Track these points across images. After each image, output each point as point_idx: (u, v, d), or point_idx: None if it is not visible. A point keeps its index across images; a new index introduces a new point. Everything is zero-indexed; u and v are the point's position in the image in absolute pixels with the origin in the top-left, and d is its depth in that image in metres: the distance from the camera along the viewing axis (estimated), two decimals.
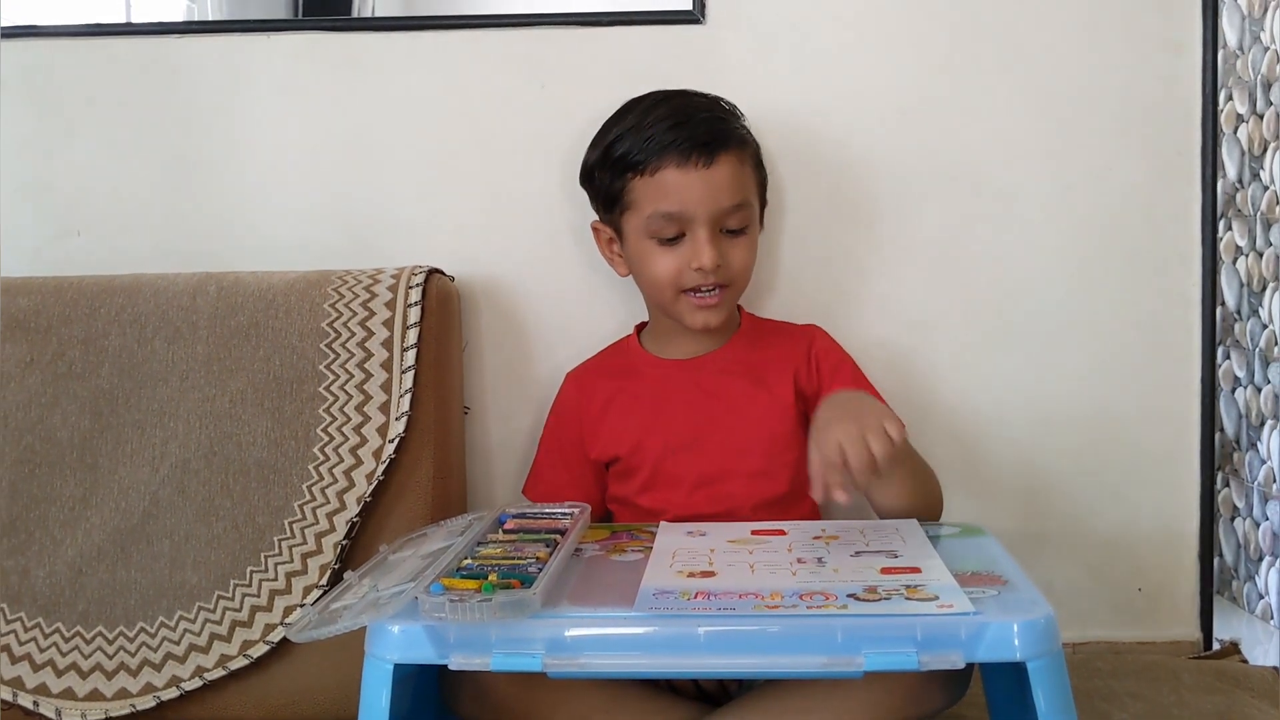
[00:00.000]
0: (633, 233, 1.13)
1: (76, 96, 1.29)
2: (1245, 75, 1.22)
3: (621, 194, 1.12)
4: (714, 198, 1.09)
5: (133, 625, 1.08)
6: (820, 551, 0.94)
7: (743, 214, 1.11)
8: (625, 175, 1.11)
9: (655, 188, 1.09)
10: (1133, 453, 1.28)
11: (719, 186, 1.09)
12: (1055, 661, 0.77)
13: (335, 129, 1.29)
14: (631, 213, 1.12)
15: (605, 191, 1.14)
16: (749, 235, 1.13)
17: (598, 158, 1.15)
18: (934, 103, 1.26)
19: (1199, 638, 1.28)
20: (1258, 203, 1.20)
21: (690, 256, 1.09)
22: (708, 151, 1.08)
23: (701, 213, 1.09)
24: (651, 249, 1.11)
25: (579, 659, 0.78)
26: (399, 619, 0.80)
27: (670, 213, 1.09)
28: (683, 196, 1.08)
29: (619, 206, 1.13)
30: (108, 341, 1.16)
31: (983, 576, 0.87)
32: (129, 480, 1.12)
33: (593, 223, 1.19)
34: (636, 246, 1.13)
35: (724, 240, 1.11)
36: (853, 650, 0.76)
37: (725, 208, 1.09)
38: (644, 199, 1.10)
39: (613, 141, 1.13)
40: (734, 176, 1.10)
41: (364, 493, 1.10)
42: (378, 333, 1.15)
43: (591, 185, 1.17)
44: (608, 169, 1.13)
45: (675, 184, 1.08)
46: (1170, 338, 1.27)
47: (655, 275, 1.12)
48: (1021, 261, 1.27)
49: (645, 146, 1.09)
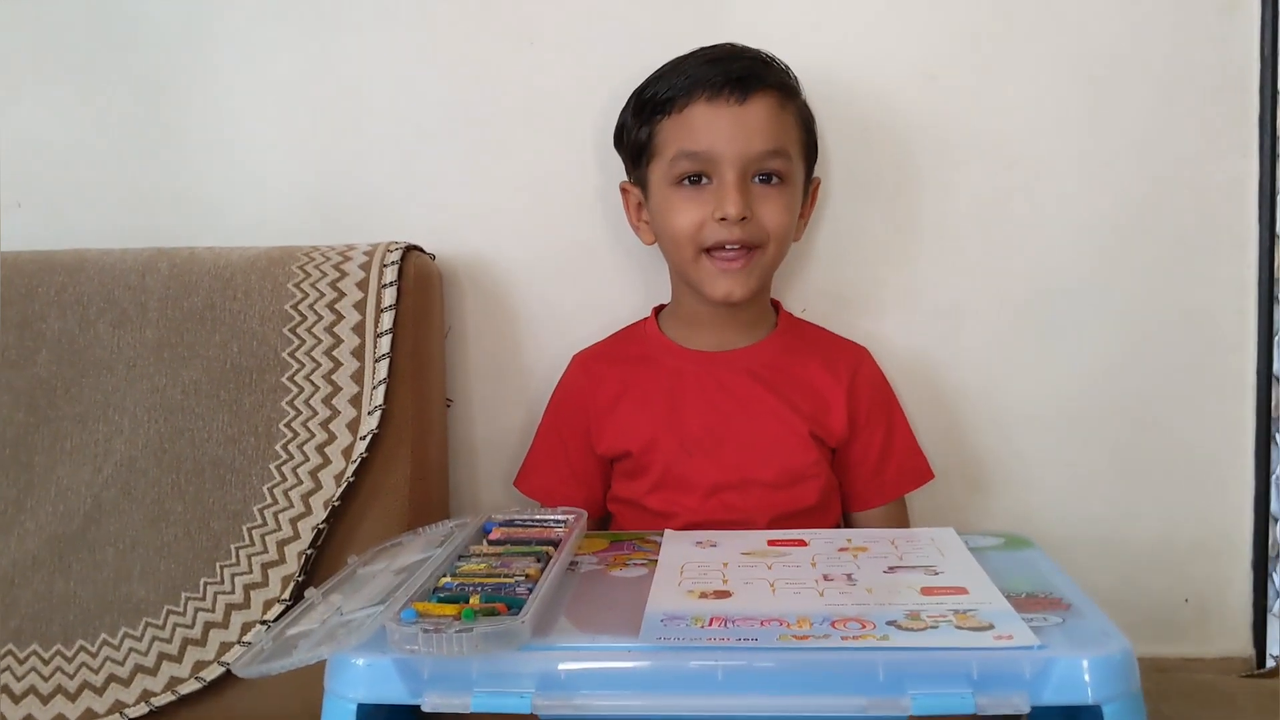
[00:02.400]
0: (657, 183, 1.05)
1: (18, 54, 1.21)
2: None
3: (649, 140, 1.05)
4: (745, 138, 1.00)
5: (72, 643, 0.99)
6: (848, 566, 0.84)
7: (778, 162, 1.02)
8: (654, 118, 1.04)
9: (683, 125, 1.01)
10: (1180, 451, 1.19)
11: (752, 127, 1.00)
12: (1134, 703, 0.66)
13: (303, 92, 1.20)
14: (657, 160, 1.04)
15: (633, 142, 1.06)
16: (785, 190, 1.03)
17: (631, 107, 1.07)
18: (963, 68, 1.17)
19: (1252, 654, 1.19)
20: None
21: (715, 204, 1.00)
22: (742, 87, 1.00)
23: (730, 153, 0.99)
24: (675, 196, 1.03)
25: (574, 699, 0.68)
26: (364, 650, 0.69)
27: (695, 151, 1.01)
28: (711, 133, 1.00)
29: (646, 154, 1.05)
30: (46, 325, 1.07)
31: (1040, 600, 0.76)
32: (68, 481, 1.03)
33: (621, 183, 1.11)
34: (660, 198, 1.04)
35: (755, 191, 1.01)
36: (897, 690, 0.65)
37: (758, 151, 1.00)
38: (670, 140, 1.02)
39: (644, 87, 1.06)
40: (771, 119, 1.01)
41: (332, 496, 1.01)
42: (348, 316, 1.06)
43: (622, 142, 1.10)
44: (637, 116, 1.06)
45: (704, 120, 1.00)
46: (1222, 326, 1.18)
47: (675, 228, 1.03)
48: (1058, 242, 1.18)
49: (676, 84, 1.01)
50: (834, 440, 1.08)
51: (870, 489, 1.10)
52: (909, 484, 1.12)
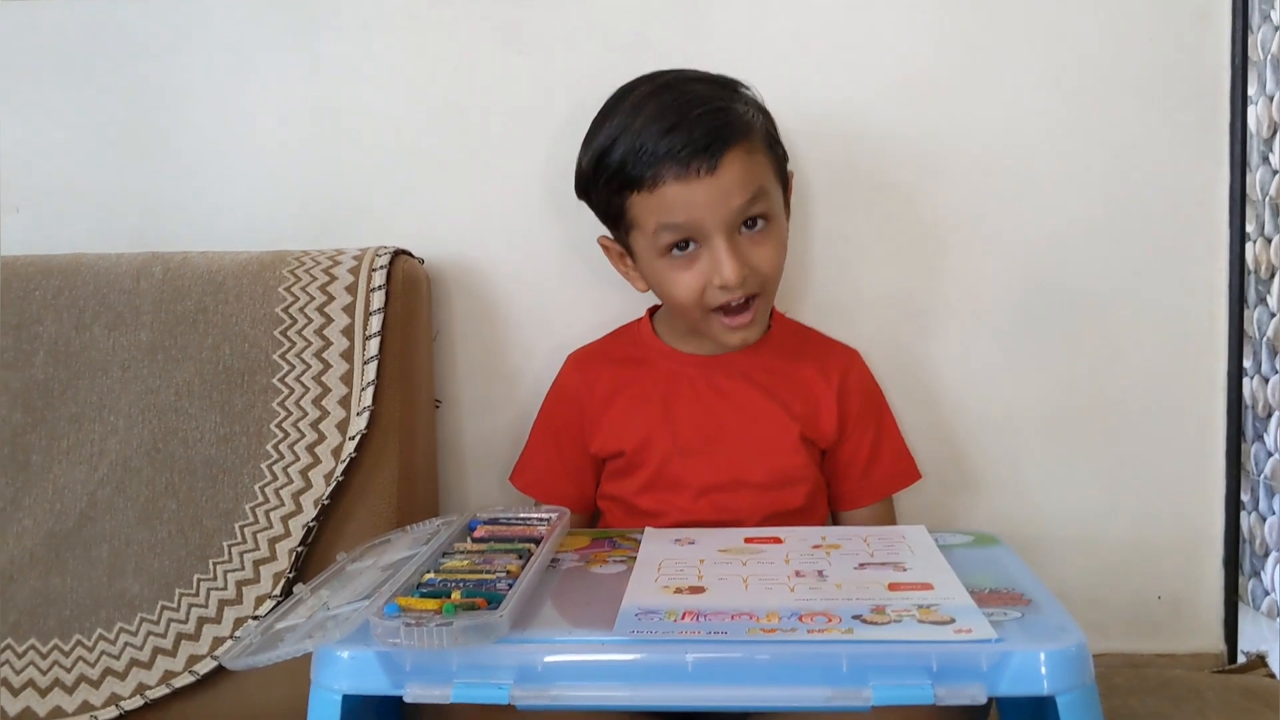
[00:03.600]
0: (644, 252, 1.02)
1: (16, 63, 1.22)
2: (1255, 55, 1.14)
3: (623, 212, 1.01)
4: (725, 202, 0.96)
5: (68, 638, 1.01)
6: (820, 563, 0.86)
7: (761, 204, 0.99)
8: (623, 192, 0.99)
9: (658, 202, 0.97)
10: (1153, 451, 1.20)
11: (728, 189, 0.96)
12: (1088, 695, 0.68)
13: (294, 97, 1.21)
14: (638, 231, 1.01)
15: (605, 208, 1.04)
16: (773, 228, 1.01)
17: (590, 168, 1.03)
18: (942, 75, 1.18)
19: (1223, 649, 1.21)
20: (1267, 187, 1.13)
21: (711, 272, 0.98)
22: (709, 156, 0.95)
23: (713, 221, 0.97)
24: (667, 268, 1.00)
25: (551, 690, 0.70)
26: (349, 644, 0.72)
27: (677, 224, 0.98)
28: (689, 208, 0.96)
29: (623, 225, 1.02)
30: (42, 328, 1.08)
31: (1002, 595, 0.78)
32: (64, 480, 1.04)
33: (600, 238, 1.09)
34: (651, 267, 1.02)
35: (745, 241, 0.99)
36: (859, 681, 0.68)
37: (738, 207, 0.97)
38: (647, 214, 0.98)
39: (603, 151, 1.00)
40: (744, 172, 0.97)
41: (322, 495, 1.02)
42: (338, 319, 1.07)
43: (589, 199, 1.06)
44: (603, 184, 1.01)
45: (678, 196, 0.96)
46: (1194, 328, 1.19)
47: (678, 298, 1.01)
48: (1036, 246, 1.19)
49: (639, 160, 0.97)
50: (824, 442, 1.09)
51: (859, 489, 1.11)
52: (897, 484, 1.13)
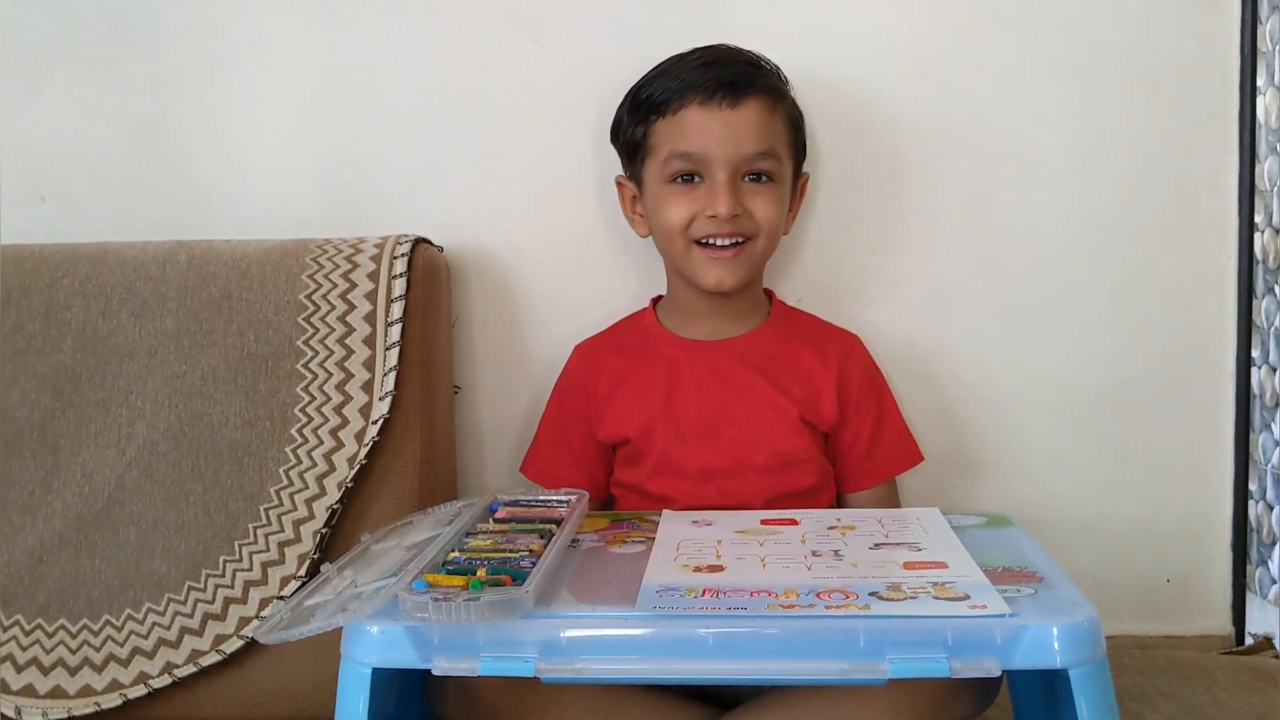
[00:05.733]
0: (651, 180, 1.07)
1: (40, 55, 1.22)
2: (1264, 46, 1.15)
3: (644, 139, 1.07)
4: (736, 141, 1.03)
5: (97, 618, 1.02)
6: (836, 543, 0.88)
7: (769, 161, 1.05)
8: (649, 119, 1.06)
9: (676, 127, 1.04)
10: (1162, 436, 1.21)
11: (743, 130, 1.03)
12: (1100, 669, 0.70)
13: (315, 88, 1.22)
14: (651, 159, 1.07)
15: (629, 140, 1.09)
16: (775, 187, 1.06)
17: (626, 103, 1.10)
18: (953, 62, 1.19)
19: (1231, 631, 1.22)
20: (1275, 177, 1.15)
21: (706, 202, 1.03)
22: (734, 92, 1.02)
23: (721, 155, 1.03)
24: (668, 194, 1.06)
25: (575, 663, 0.72)
26: (378, 619, 0.73)
27: (688, 152, 1.03)
28: (703, 136, 1.03)
29: (640, 153, 1.08)
30: (70, 314, 1.09)
31: (1015, 573, 0.80)
32: (93, 463, 1.06)
33: (617, 176, 1.14)
34: (653, 194, 1.07)
35: (745, 189, 1.04)
36: (876, 655, 0.69)
37: (748, 154, 1.03)
38: (664, 140, 1.05)
39: (640, 87, 1.08)
40: (761, 123, 1.04)
41: (345, 477, 1.03)
42: (360, 306, 1.08)
43: (618, 139, 1.12)
44: (633, 115, 1.08)
45: (696, 123, 1.03)
46: (1203, 315, 1.20)
47: (668, 222, 1.06)
48: (1044, 233, 1.20)
49: (670, 85, 1.04)
50: (825, 425, 1.10)
51: (862, 471, 1.13)
52: (899, 466, 1.14)
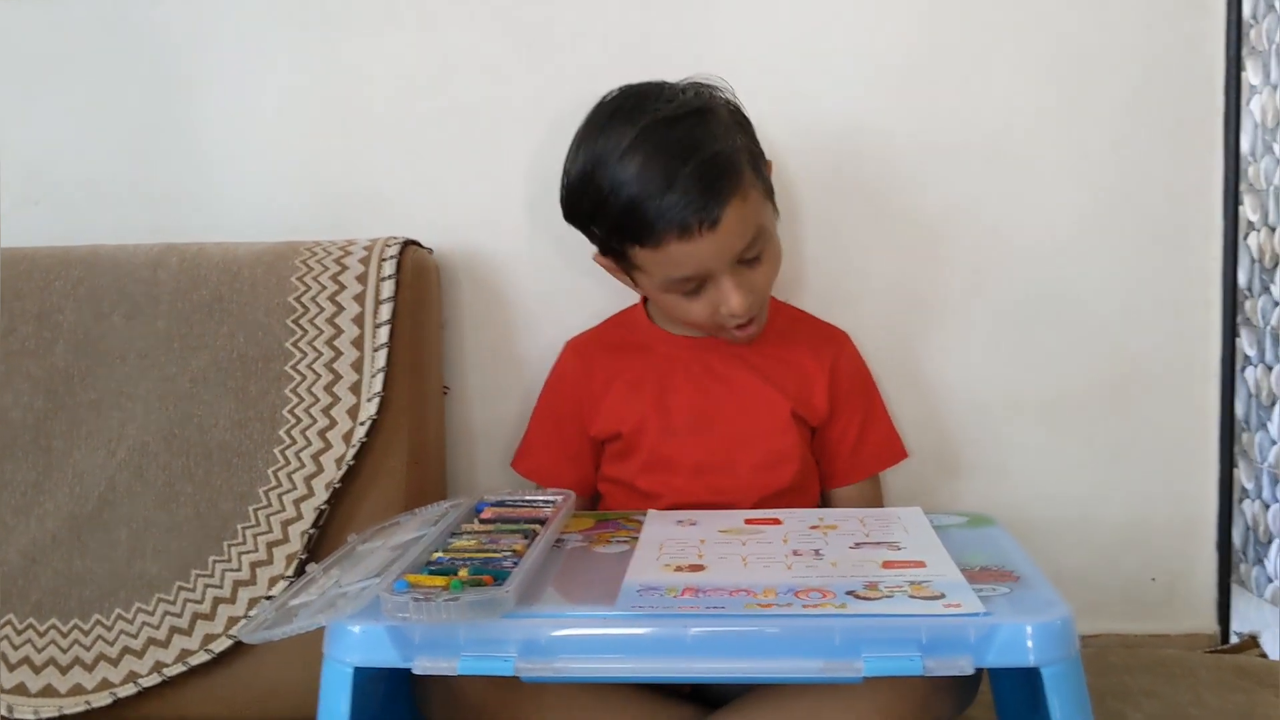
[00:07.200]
0: (650, 288, 1.06)
1: (33, 59, 1.24)
2: (1260, 45, 1.16)
3: (627, 255, 1.02)
4: (729, 249, 0.99)
5: (88, 618, 1.03)
6: (817, 542, 0.88)
7: (759, 244, 1.02)
8: (625, 242, 1.01)
9: (663, 257, 0.99)
10: (1148, 436, 1.22)
11: (729, 237, 0.98)
12: (1072, 667, 0.70)
13: (305, 92, 1.23)
14: (642, 273, 1.04)
15: (604, 246, 1.05)
16: (769, 250, 1.04)
17: (586, 208, 1.03)
18: (941, 66, 1.20)
19: (1216, 630, 1.23)
20: (1271, 177, 1.15)
21: (719, 301, 1.02)
22: (708, 214, 0.96)
23: (718, 265, 1.00)
24: (676, 300, 1.04)
25: (555, 662, 0.72)
26: (360, 618, 0.74)
27: (685, 276, 1.01)
28: (694, 259, 0.99)
29: (625, 263, 1.04)
30: (62, 317, 1.10)
31: (993, 572, 0.81)
32: (85, 464, 1.07)
33: (595, 256, 1.08)
34: (657, 294, 1.06)
35: (746, 270, 1.02)
36: (851, 653, 0.70)
37: (740, 251, 1.00)
38: (653, 266, 1.01)
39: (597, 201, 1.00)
40: (742, 220, 0.99)
41: (333, 478, 1.04)
42: (348, 308, 1.09)
43: (583, 228, 1.06)
44: (601, 229, 1.03)
45: (682, 254, 0.98)
46: (1188, 316, 1.21)
47: (690, 321, 1.06)
48: (1032, 236, 1.21)
49: (639, 220, 0.97)
50: (816, 419, 1.11)
51: (847, 466, 1.13)
52: (885, 462, 1.15)
